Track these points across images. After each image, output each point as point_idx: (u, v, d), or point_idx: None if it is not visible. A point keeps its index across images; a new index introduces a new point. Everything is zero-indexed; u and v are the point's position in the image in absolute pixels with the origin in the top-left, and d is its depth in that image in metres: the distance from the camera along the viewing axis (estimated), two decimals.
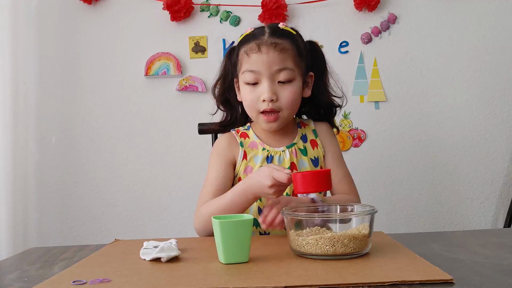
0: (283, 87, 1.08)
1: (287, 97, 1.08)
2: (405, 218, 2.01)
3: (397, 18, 1.99)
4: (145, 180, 2.01)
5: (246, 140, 1.17)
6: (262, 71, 1.07)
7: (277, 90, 1.07)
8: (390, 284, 0.61)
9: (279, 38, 1.08)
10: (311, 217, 0.83)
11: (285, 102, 1.08)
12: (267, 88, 1.06)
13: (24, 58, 1.96)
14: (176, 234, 1.97)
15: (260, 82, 1.08)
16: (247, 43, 1.10)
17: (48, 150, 1.99)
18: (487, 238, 0.90)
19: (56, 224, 2.00)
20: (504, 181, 2.02)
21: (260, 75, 1.07)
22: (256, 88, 1.08)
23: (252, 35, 1.11)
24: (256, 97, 1.08)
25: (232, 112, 1.22)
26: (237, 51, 1.14)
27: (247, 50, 1.09)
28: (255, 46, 1.07)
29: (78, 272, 0.73)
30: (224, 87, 1.20)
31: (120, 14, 2.00)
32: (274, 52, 1.06)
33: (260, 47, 1.07)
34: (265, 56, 1.06)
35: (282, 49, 1.07)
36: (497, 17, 2.00)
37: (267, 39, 1.08)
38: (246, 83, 1.10)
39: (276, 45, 1.07)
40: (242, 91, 1.13)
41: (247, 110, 1.13)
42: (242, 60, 1.11)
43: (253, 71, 1.08)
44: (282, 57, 1.07)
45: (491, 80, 2.00)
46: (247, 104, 1.12)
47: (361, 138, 1.99)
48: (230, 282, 0.63)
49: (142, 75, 1.99)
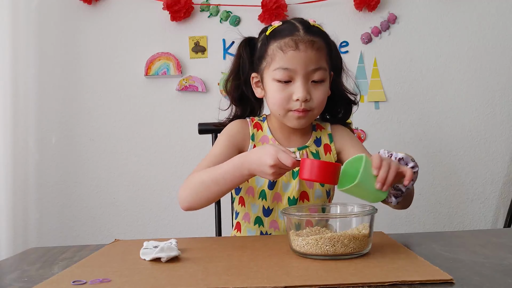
0: (315, 86, 1.04)
1: (318, 97, 1.04)
2: (405, 218, 2.01)
3: (397, 18, 1.99)
4: (145, 180, 2.01)
5: (259, 132, 1.13)
6: (298, 69, 1.01)
7: (310, 90, 1.03)
8: (390, 284, 0.61)
9: (315, 36, 1.03)
10: (311, 217, 0.83)
11: (316, 102, 1.04)
12: (302, 87, 1.01)
13: (24, 58, 1.96)
14: (176, 234, 1.97)
15: (293, 80, 1.03)
16: (281, 38, 1.03)
17: (48, 150, 2.00)
18: (487, 238, 0.89)
19: (56, 224, 2.00)
20: (504, 181, 2.02)
21: (294, 74, 1.02)
22: (287, 86, 1.03)
23: (286, 30, 1.04)
24: (287, 96, 1.03)
25: (245, 108, 1.17)
26: (266, 45, 1.06)
27: (283, 46, 1.02)
28: (292, 43, 1.01)
29: (78, 272, 0.73)
30: (238, 82, 1.14)
31: (120, 14, 2.00)
32: (312, 51, 1.01)
33: (298, 44, 1.01)
34: (303, 54, 1.01)
35: (318, 48, 1.03)
36: (497, 17, 2.00)
37: (303, 36, 1.02)
38: (277, 80, 1.03)
39: (314, 43, 1.02)
40: (269, 87, 1.06)
41: (273, 107, 1.07)
42: (274, 56, 1.03)
43: (288, 68, 1.02)
44: (318, 56, 1.03)
45: (491, 80, 2.00)
46: (275, 101, 1.05)
47: (361, 138, 1.99)
48: (230, 282, 0.63)
49: (142, 75, 1.99)
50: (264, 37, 1.08)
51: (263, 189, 1.08)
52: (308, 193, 1.09)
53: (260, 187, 1.08)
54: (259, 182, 1.08)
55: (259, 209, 1.10)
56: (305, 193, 1.09)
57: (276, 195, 1.08)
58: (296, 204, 1.08)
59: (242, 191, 1.12)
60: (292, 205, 1.08)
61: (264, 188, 1.08)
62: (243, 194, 1.12)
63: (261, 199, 1.08)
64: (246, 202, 1.11)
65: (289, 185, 1.08)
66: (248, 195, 1.10)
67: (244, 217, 1.13)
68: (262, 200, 1.08)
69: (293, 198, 1.08)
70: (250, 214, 1.11)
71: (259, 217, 1.09)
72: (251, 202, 1.10)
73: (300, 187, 1.08)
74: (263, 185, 1.08)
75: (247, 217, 1.12)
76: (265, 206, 1.09)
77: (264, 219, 1.09)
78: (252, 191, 1.09)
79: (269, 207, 1.09)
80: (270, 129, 1.13)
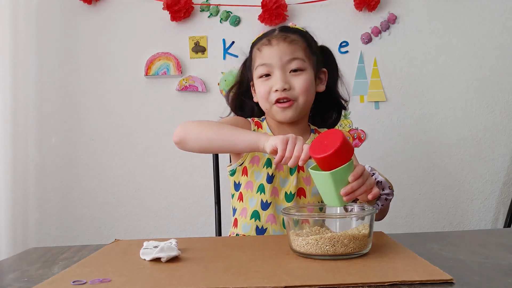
0: (295, 76, 1.09)
1: (300, 85, 1.09)
2: (405, 218, 2.01)
3: (397, 18, 1.99)
4: (145, 180, 2.01)
5: (259, 130, 1.18)
6: (273, 62, 1.09)
7: (289, 80, 1.09)
8: (390, 284, 0.61)
9: (288, 33, 1.12)
10: (311, 217, 0.83)
11: (299, 89, 1.09)
12: (279, 77, 1.08)
13: (24, 58, 1.96)
14: (176, 234, 1.97)
15: (272, 73, 1.10)
16: (259, 40, 1.14)
17: (48, 150, 2.00)
18: (487, 238, 0.90)
19: (56, 224, 2.00)
20: (504, 181, 2.02)
21: (271, 67, 1.09)
22: (268, 79, 1.10)
23: (264, 34, 1.15)
24: (268, 88, 1.10)
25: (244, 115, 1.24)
26: (251, 52, 1.17)
27: (259, 46, 1.13)
28: (266, 41, 1.11)
29: (78, 272, 0.73)
30: (239, 92, 1.23)
31: (120, 14, 2.00)
32: (284, 43, 1.09)
33: (270, 41, 1.10)
34: (276, 48, 1.09)
35: (292, 41, 1.10)
36: (497, 17, 2.00)
37: (276, 34, 1.12)
38: (259, 77, 1.11)
39: (286, 37, 1.10)
40: (256, 86, 1.14)
41: (261, 103, 1.14)
42: (255, 57, 1.14)
43: (265, 64, 1.10)
44: (292, 48, 1.09)
45: (491, 80, 2.00)
46: (260, 96, 1.12)
47: (361, 138, 1.99)
48: (230, 282, 0.63)
49: (142, 75, 1.99)
50: (250, 47, 1.19)
51: (262, 183, 1.11)
52: (305, 190, 1.12)
53: (259, 181, 1.12)
54: (258, 177, 1.12)
55: (257, 203, 1.12)
56: (302, 189, 1.12)
57: (274, 190, 1.11)
58: (293, 199, 1.11)
59: (241, 186, 1.15)
60: (289, 200, 1.11)
61: (263, 182, 1.11)
62: (242, 190, 1.15)
63: (259, 193, 1.12)
64: (245, 197, 1.14)
65: (287, 180, 1.12)
66: (247, 189, 1.13)
67: (241, 212, 1.15)
68: (261, 194, 1.11)
69: (290, 193, 1.11)
70: (248, 208, 1.13)
71: (256, 211, 1.11)
72: (250, 197, 1.13)
73: (297, 183, 1.11)
74: (262, 179, 1.12)
75: (244, 212, 1.14)
76: (263, 200, 1.11)
77: (261, 213, 1.11)
78: (251, 185, 1.13)
79: (267, 200, 1.11)
80: (269, 127, 1.18)
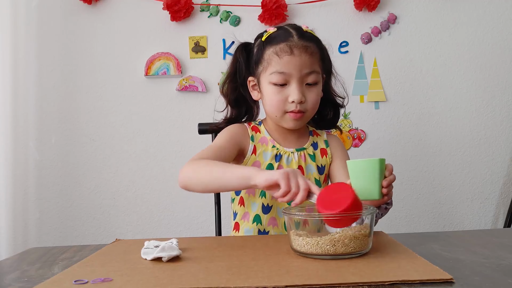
0: (309, 89, 1.09)
1: (312, 99, 1.10)
2: (405, 218, 2.01)
3: (397, 18, 1.99)
4: (145, 180, 2.01)
5: (257, 134, 1.17)
6: (293, 73, 1.07)
7: (304, 92, 1.09)
8: (390, 283, 0.61)
9: (308, 42, 1.09)
10: (311, 217, 0.83)
11: (310, 103, 1.10)
12: (297, 90, 1.07)
13: (24, 58, 1.96)
14: (177, 233, 1.97)
15: (288, 83, 1.08)
16: (276, 43, 1.09)
17: (48, 150, 2.00)
18: (487, 238, 0.90)
19: (56, 224, 2.00)
20: (504, 181, 2.02)
21: (290, 77, 1.08)
22: (283, 89, 1.09)
23: (280, 36, 1.10)
24: (283, 98, 1.09)
25: (241, 110, 1.22)
26: (262, 50, 1.12)
27: (278, 52, 1.08)
28: (287, 48, 1.07)
29: (80, 271, 0.73)
30: (235, 85, 1.19)
31: (120, 14, 2.00)
32: (306, 55, 1.07)
33: (292, 50, 1.07)
34: (298, 59, 1.07)
35: (312, 53, 1.08)
36: (497, 17, 2.00)
37: (297, 41, 1.08)
38: (273, 84, 1.09)
39: (307, 48, 1.08)
40: (266, 90, 1.11)
41: (270, 109, 1.13)
42: (270, 60, 1.09)
43: (283, 72, 1.07)
44: (312, 60, 1.08)
45: (491, 80, 2.00)
46: (272, 103, 1.11)
47: (361, 138, 1.99)
48: (231, 282, 0.63)
49: (142, 75, 1.99)
50: (260, 43, 1.14)
51: None
52: None
53: None
54: None
55: (258, 207, 1.13)
56: None
57: None
58: None
59: (242, 191, 1.15)
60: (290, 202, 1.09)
61: None
62: (243, 194, 1.15)
63: (261, 197, 1.12)
64: (246, 202, 1.15)
65: None
66: (249, 194, 1.14)
67: (243, 216, 1.15)
68: (262, 198, 1.12)
69: None
70: (250, 213, 1.14)
71: (258, 215, 1.12)
72: (252, 201, 1.14)
73: None
74: None
75: (246, 216, 1.14)
76: (265, 203, 1.12)
77: (263, 217, 1.12)
78: (253, 190, 1.13)
79: (268, 204, 1.12)
80: (267, 131, 1.18)
